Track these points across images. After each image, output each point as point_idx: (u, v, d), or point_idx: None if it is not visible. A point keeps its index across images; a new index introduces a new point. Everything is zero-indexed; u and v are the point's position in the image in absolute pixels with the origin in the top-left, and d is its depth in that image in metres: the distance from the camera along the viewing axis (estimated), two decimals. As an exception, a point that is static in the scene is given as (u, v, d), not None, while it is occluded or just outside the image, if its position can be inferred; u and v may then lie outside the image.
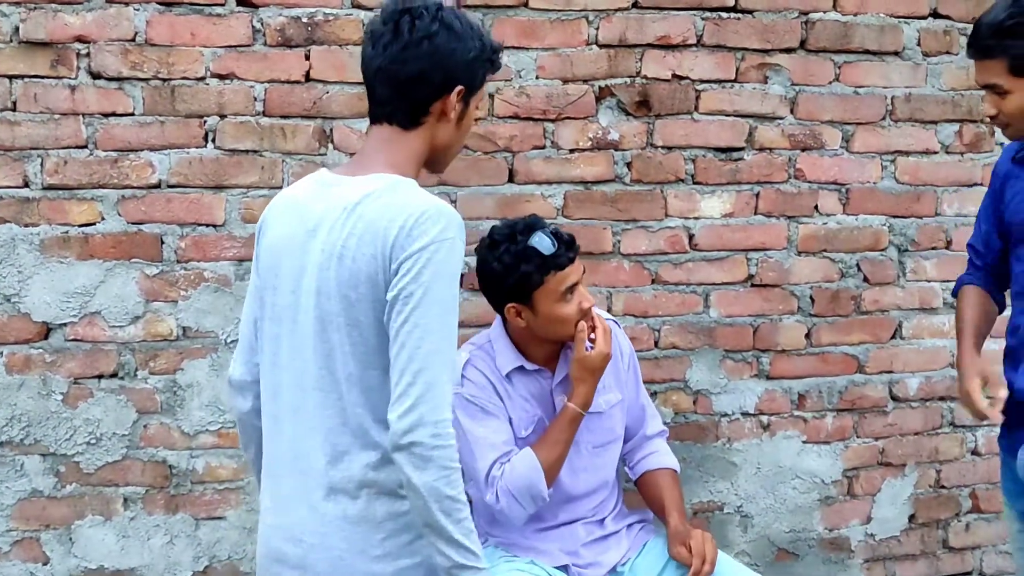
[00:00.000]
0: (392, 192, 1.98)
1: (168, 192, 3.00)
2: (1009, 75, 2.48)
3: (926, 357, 3.64)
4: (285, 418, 2.06)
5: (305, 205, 2.06)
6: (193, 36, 2.96)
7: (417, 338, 1.89)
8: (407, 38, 2.00)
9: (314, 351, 1.99)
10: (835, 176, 3.48)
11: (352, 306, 1.95)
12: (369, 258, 1.93)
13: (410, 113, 2.03)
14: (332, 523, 2.00)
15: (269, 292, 2.09)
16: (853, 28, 3.42)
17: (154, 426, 3.06)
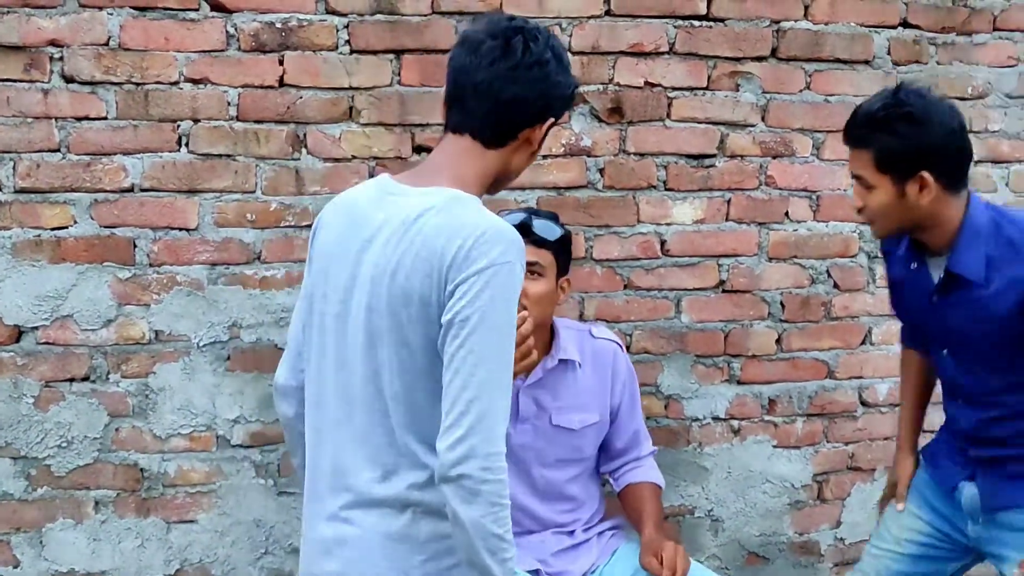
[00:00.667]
0: (452, 208, 1.91)
1: (141, 196, 3.00)
2: (874, 169, 2.43)
3: (895, 363, 3.62)
4: (328, 430, 2.01)
5: (363, 212, 1.99)
6: (167, 41, 2.96)
7: (472, 364, 1.82)
8: (519, 59, 1.94)
9: (362, 366, 1.94)
10: (805, 183, 3.51)
11: (402, 325, 1.89)
12: (423, 276, 1.87)
13: (499, 134, 1.98)
14: (375, 539, 1.95)
15: (319, 299, 2.03)
16: (824, 37, 3.45)
17: (126, 429, 3.07)
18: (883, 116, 2.41)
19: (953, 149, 2.43)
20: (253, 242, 3.08)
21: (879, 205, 2.47)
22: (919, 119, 2.38)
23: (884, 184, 2.43)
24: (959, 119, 2.45)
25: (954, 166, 2.45)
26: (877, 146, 2.42)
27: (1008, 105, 3.65)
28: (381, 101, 3.11)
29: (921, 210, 2.44)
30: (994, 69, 3.63)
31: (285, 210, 3.09)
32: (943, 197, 2.44)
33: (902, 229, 2.55)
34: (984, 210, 2.49)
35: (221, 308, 3.08)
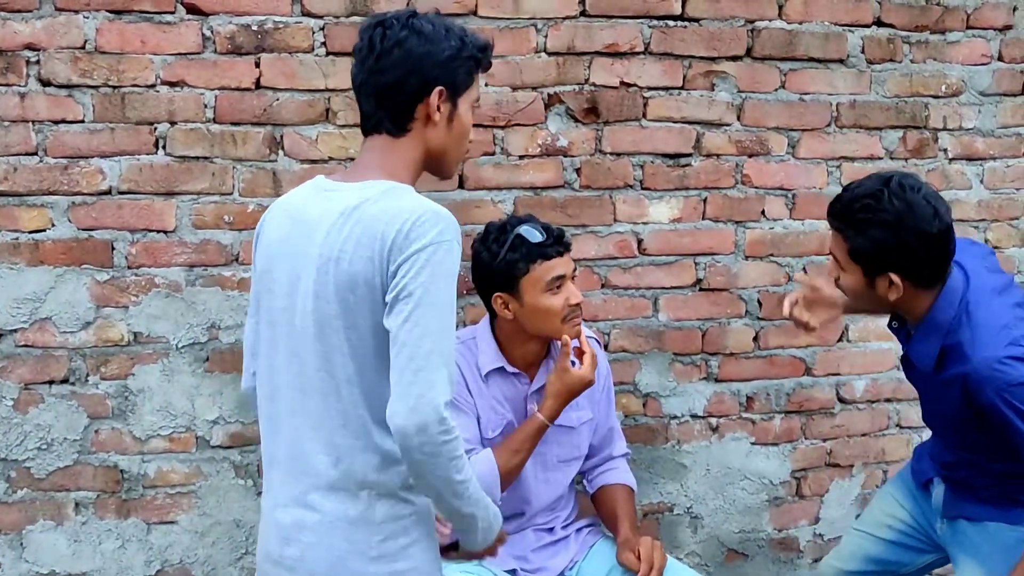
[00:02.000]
0: (388, 196, 2.00)
1: (119, 199, 3.01)
2: (847, 257, 2.46)
3: (872, 359, 3.70)
4: (283, 419, 2.09)
5: (301, 210, 2.10)
6: (143, 44, 2.97)
7: (417, 337, 1.90)
8: (379, 48, 2.05)
9: (313, 353, 2.02)
10: (781, 182, 3.53)
11: (350, 309, 1.98)
12: (366, 260, 1.95)
13: (395, 120, 2.07)
14: (333, 523, 2.03)
15: (265, 296, 2.12)
16: (798, 36, 3.47)
17: (105, 431, 3.07)
18: (860, 216, 2.40)
19: (926, 255, 2.40)
20: (231, 244, 3.09)
21: (848, 288, 2.51)
22: (893, 226, 2.36)
23: (855, 272, 2.46)
24: (942, 223, 2.39)
25: (926, 270, 2.43)
26: (850, 241, 2.43)
27: (982, 103, 3.68)
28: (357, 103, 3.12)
29: (889, 302, 2.48)
30: (968, 67, 3.66)
31: (263, 212, 3.02)
32: (913, 293, 2.46)
33: (871, 312, 2.64)
34: (952, 306, 2.46)
35: (199, 310, 3.09)
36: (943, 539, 2.79)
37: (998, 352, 2.35)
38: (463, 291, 3.24)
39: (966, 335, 2.42)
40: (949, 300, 2.46)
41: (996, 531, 2.63)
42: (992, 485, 2.62)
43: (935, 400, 2.60)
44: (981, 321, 2.42)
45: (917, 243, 2.37)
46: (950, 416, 2.55)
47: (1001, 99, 3.71)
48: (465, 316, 3.27)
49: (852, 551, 2.98)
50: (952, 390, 2.46)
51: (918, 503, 2.87)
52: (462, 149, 2.21)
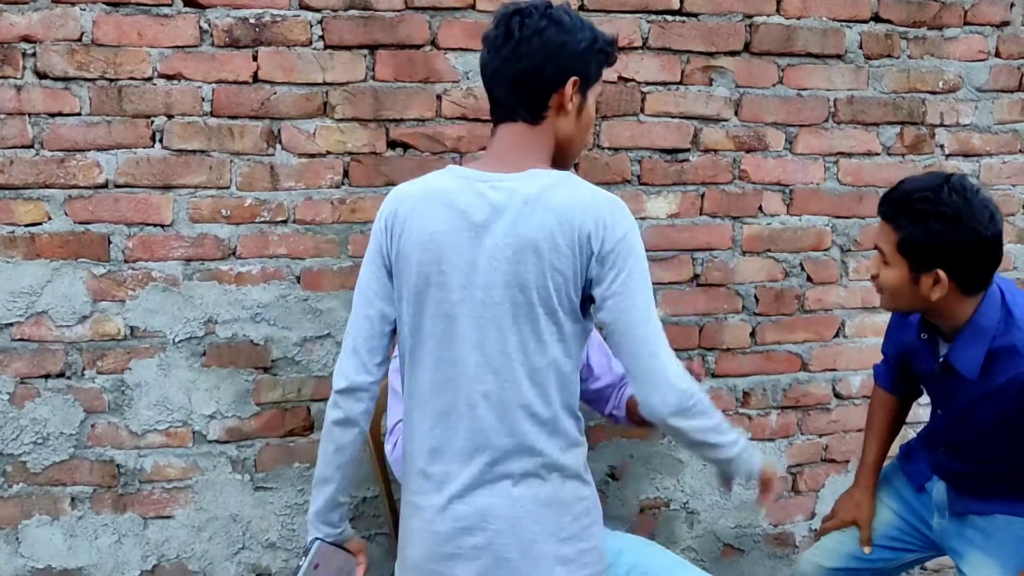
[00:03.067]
0: (567, 185, 2.04)
1: (115, 192, 3.00)
2: (894, 248, 2.44)
3: (868, 355, 3.70)
4: (463, 411, 2.07)
5: (462, 200, 2.07)
6: (140, 36, 2.96)
7: (641, 321, 2.00)
8: (517, 36, 2.07)
9: (504, 343, 2.03)
10: (779, 177, 3.53)
11: (550, 296, 2.01)
12: (566, 249, 1.99)
13: (531, 108, 2.10)
14: (525, 507, 2.05)
15: (433, 289, 2.08)
16: (796, 31, 3.47)
17: (102, 425, 3.06)
18: (918, 207, 2.39)
19: (977, 257, 2.39)
20: (228, 238, 3.08)
21: (891, 283, 2.48)
22: (950, 220, 2.35)
23: (900, 266, 2.44)
24: (996, 228, 2.38)
25: (974, 272, 2.41)
26: (903, 231, 2.42)
27: (979, 99, 3.68)
28: (355, 96, 3.12)
29: (931, 302, 2.45)
30: (965, 63, 3.66)
31: (260, 205, 3.09)
32: (956, 297, 2.44)
33: (909, 311, 2.57)
34: (996, 310, 2.45)
35: (196, 304, 3.08)
36: (939, 535, 2.78)
37: None
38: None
39: (1017, 336, 2.42)
40: (993, 306, 2.45)
41: (1006, 523, 2.63)
42: (1004, 487, 2.62)
43: (969, 411, 2.54)
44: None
45: (970, 242, 2.36)
46: (982, 427, 2.52)
47: (998, 95, 3.71)
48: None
49: (835, 548, 2.94)
50: (999, 396, 2.44)
51: (907, 502, 2.86)
52: (587, 140, 2.24)
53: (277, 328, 3.14)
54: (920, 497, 2.83)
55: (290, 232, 3.12)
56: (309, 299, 3.15)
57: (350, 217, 3.15)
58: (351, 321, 2.22)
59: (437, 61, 3.17)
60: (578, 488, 2.11)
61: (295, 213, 3.11)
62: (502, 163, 2.10)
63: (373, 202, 3.16)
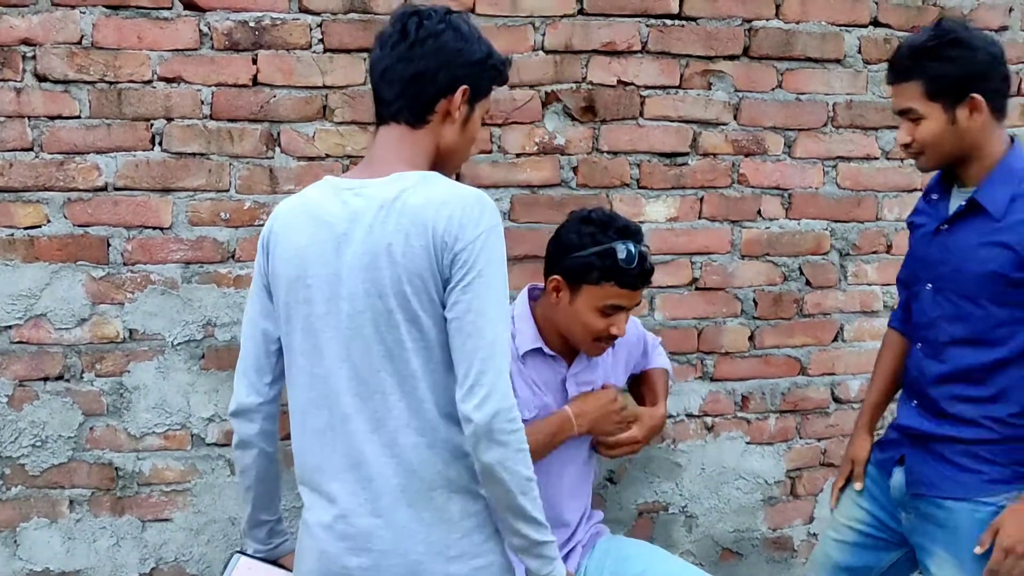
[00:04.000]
0: (426, 185, 2.00)
1: (115, 195, 3.00)
2: (924, 99, 2.51)
3: (867, 359, 3.68)
4: (338, 427, 2.03)
5: (325, 211, 2.05)
6: (140, 39, 2.96)
7: (480, 327, 1.93)
8: (413, 37, 2.05)
9: (369, 354, 1.99)
10: (778, 181, 3.53)
11: (408, 301, 1.96)
12: (420, 250, 1.95)
13: (416, 111, 2.07)
14: (407, 527, 2.00)
15: (300, 305, 2.06)
16: (795, 36, 3.47)
17: (100, 428, 3.06)
18: (932, 45, 2.50)
19: (999, 72, 2.52)
20: (227, 241, 3.08)
21: (930, 134, 2.54)
22: (967, 44, 2.48)
23: (935, 112, 2.51)
24: (1000, 46, 2.53)
25: (1001, 90, 2.53)
26: (928, 74, 2.50)
27: (977, 103, 3.68)
28: (355, 100, 3.12)
29: (971, 136, 2.52)
30: (964, 68, 3.66)
31: (259, 209, 3.09)
32: (991, 124, 2.52)
33: (950, 159, 2.59)
34: (1022, 158, 2.56)
35: (195, 307, 3.08)
36: (908, 530, 2.75)
37: None
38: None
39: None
40: (1020, 151, 2.57)
41: (961, 514, 2.59)
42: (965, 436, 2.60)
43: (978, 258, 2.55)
44: None
45: (990, 58, 2.49)
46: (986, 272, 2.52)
47: (997, 100, 3.71)
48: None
49: (821, 561, 2.95)
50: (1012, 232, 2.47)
51: (876, 499, 2.85)
52: (467, 153, 2.22)
53: (276, 331, 3.14)
54: (888, 490, 2.81)
55: (289, 235, 3.12)
56: (308, 302, 3.15)
57: (349, 220, 3.15)
58: (241, 343, 2.23)
59: (436, 65, 3.17)
60: (466, 503, 2.04)
61: (294, 216, 3.11)
62: (373, 168, 2.08)
63: (372, 205, 3.16)
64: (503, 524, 2.04)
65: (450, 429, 2.01)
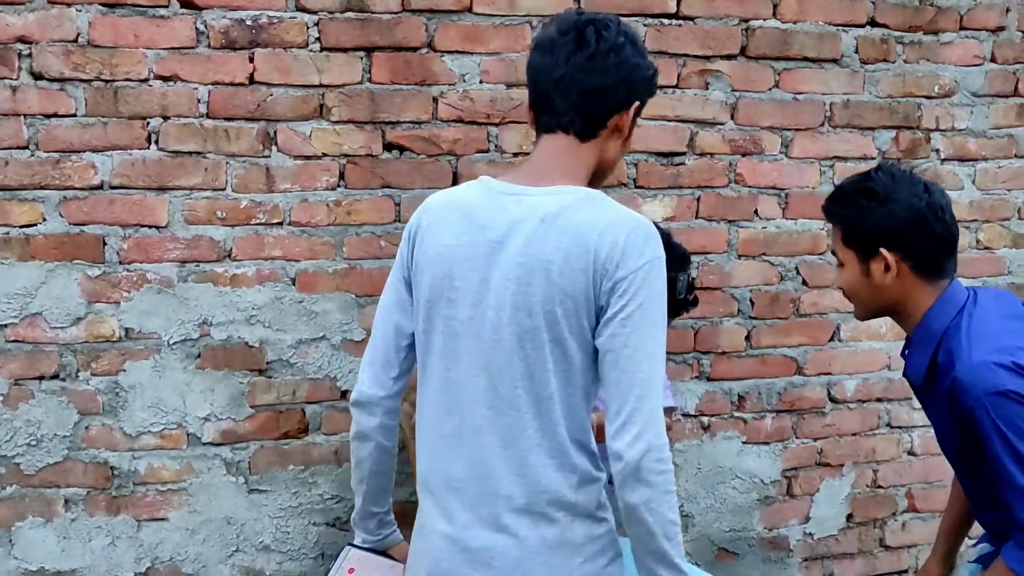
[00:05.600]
0: (591, 205, 1.94)
1: (111, 193, 2.99)
2: (842, 245, 2.40)
3: (863, 359, 3.70)
4: (468, 437, 1.99)
5: (482, 213, 1.99)
6: (136, 38, 2.95)
7: (637, 362, 1.86)
8: (594, 48, 1.96)
9: (509, 368, 1.94)
10: (775, 181, 3.53)
11: (557, 322, 1.90)
12: (579, 273, 1.88)
13: (590, 125, 2.00)
14: (530, 548, 1.95)
15: (442, 304, 2.01)
16: (792, 35, 3.47)
17: (96, 427, 3.05)
18: (848, 191, 2.40)
19: (917, 229, 2.31)
20: (223, 240, 3.07)
21: (847, 282, 2.42)
22: (880, 196, 2.31)
23: (850, 260, 2.38)
24: (932, 200, 2.32)
25: (921, 248, 2.33)
26: (841, 220, 2.39)
27: (974, 103, 3.69)
28: (352, 98, 3.11)
29: (888, 293, 2.36)
30: (960, 68, 3.67)
31: (255, 207, 3.08)
32: (914, 282, 2.35)
33: (873, 311, 2.46)
34: (949, 313, 2.34)
35: (191, 306, 3.07)
36: None
37: (984, 356, 2.21)
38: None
39: (957, 341, 2.29)
40: (946, 308, 2.35)
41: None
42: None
43: (937, 425, 2.44)
44: (975, 328, 2.30)
45: (905, 215, 2.29)
46: (950, 453, 2.44)
47: (993, 100, 3.72)
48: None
49: None
50: (943, 406, 2.33)
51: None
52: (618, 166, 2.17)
53: (272, 330, 3.13)
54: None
55: (285, 234, 3.11)
56: (304, 301, 3.15)
57: (346, 219, 3.15)
58: (372, 332, 2.17)
59: (434, 63, 3.17)
60: (590, 527, 1.99)
61: (291, 215, 3.11)
62: (535, 176, 2.00)
63: (369, 204, 3.15)
64: (641, 565, 1.96)
65: (579, 455, 1.97)
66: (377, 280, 3.17)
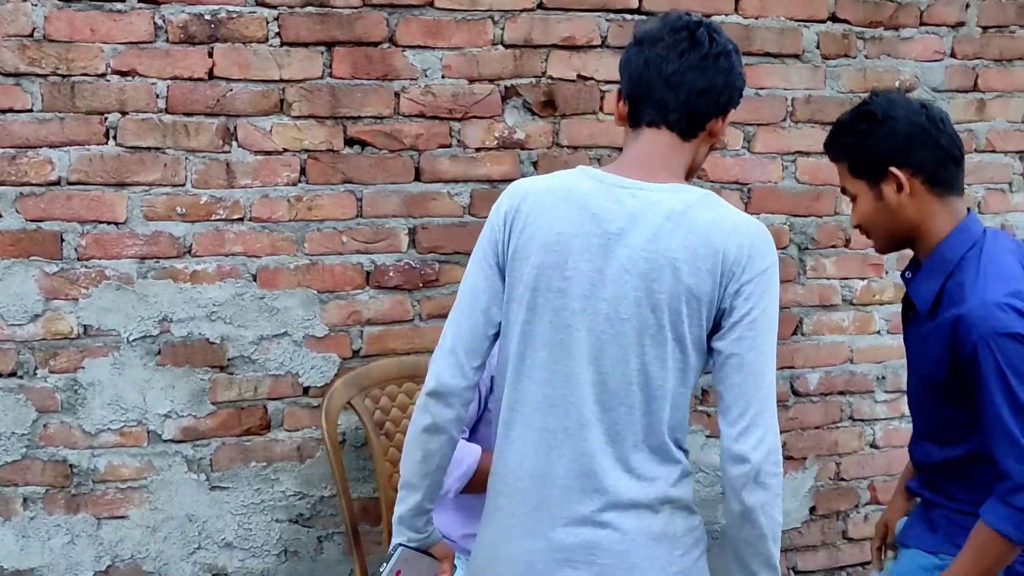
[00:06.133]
0: (712, 205, 1.96)
1: (68, 189, 2.96)
2: (851, 177, 2.39)
3: (826, 352, 3.72)
4: (572, 431, 1.96)
5: (594, 204, 1.96)
6: (93, 32, 2.92)
7: (761, 366, 1.90)
8: (707, 49, 1.98)
9: (623, 364, 1.92)
10: (737, 176, 3.54)
11: (681, 321, 1.90)
12: (706, 273, 1.89)
13: (694, 124, 2.00)
14: (635, 540, 1.94)
15: (551, 294, 1.96)
16: (754, 31, 3.48)
17: (54, 425, 3.02)
18: (846, 122, 2.39)
19: (922, 142, 2.30)
20: (183, 236, 3.05)
21: (862, 215, 2.39)
22: (880, 117, 2.31)
23: (862, 191, 2.36)
24: (931, 114, 2.33)
25: (929, 160, 2.31)
26: (845, 151, 2.38)
27: (935, 99, 3.70)
28: (312, 94, 3.10)
29: (906, 214, 2.33)
30: (921, 63, 3.69)
31: (216, 203, 3.06)
32: (928, 199, 2.33)
33: (897, 239, 2.42)
34: (964, 244, 2.32)
35: (151, 302, 3.05)
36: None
37: (998, 296, 2.18)
38: (420, 284, 3.24)
39: (970, 275, 2.27)
40: (962, 238, 2.32)
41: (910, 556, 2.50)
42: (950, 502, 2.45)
43: (921, 357, 2.41)
44: (990, 266, 2.28)
45: (909, 129, 2.30)
46: (930, 380, 2.38)
47: (954, 95, 3.74)
48: (421, 309, 3.26)
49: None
50: (941, 336, 2.28)
51: None
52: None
53: (233, 327, 3.12)
54: None
55: (246, 230, 3.10)
56: (265, 297, 3.13)
57: (307, 215, 3.13)
58: (452, 319, 2.08)
59: (395, 58, 3.15)
60: (688, 519, 2.01)
61: (251, 211, 3.09)
62: (642, 171, 1.99)
63: (330, 200, 3.14)
64: (740, 567, 1.97)
65: (677, 451, 1.99)
66: (339, 276, 3.16)
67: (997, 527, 2.20)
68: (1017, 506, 2.18)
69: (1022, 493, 2.17)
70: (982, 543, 2.24)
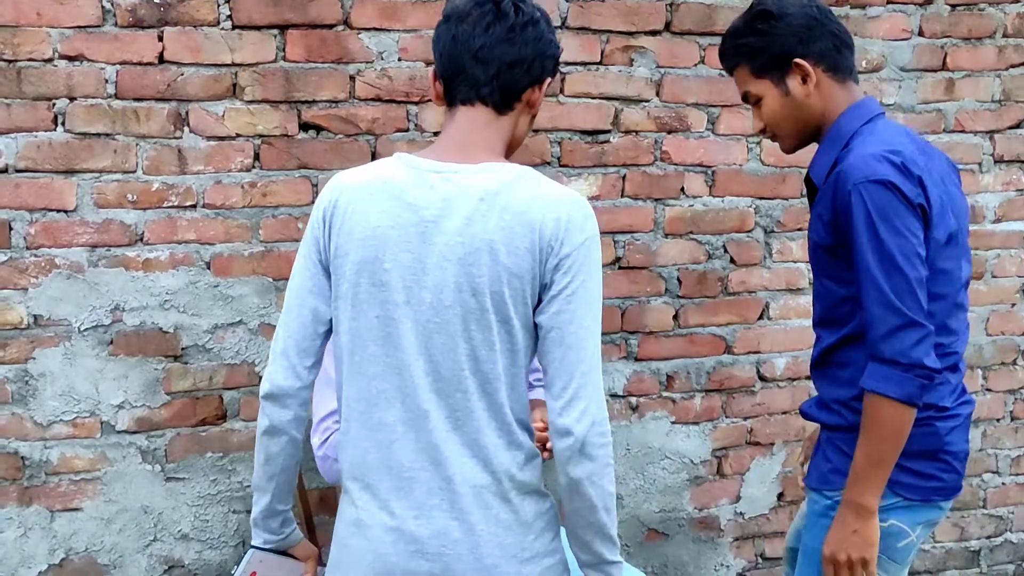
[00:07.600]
0: (527, 182, 1.94)
1: (16, 177, 2.91)
2: (753, 79, 2.42)
3: (792, 337, 3.68)
4: (414, 422, 1.94)
5: (409, 193, 1.94)
6: (39, 16, 2.86)
7: (582, 338, 1.89)
8: (513, 19, 1.96)
9: (452, 350, 1.91)
10: (701, 158, 3.49)
11: (504, 303, 1.90)
12: (524, 252, 1.88)
13: (507, 97, 1.99)
14: (484, 530, 1.94)
15: (373, 288, 1.94)
16: (717, 11, 3.42)
17: (5, 417, 2.98)
18: (743, 24, 2.43)
19: (819, 31, 2.37)
20: (135, 223, 3.00)
21: (770, 113, 2.43)
22: (775, 13, 2.37)
23: (767, 89, 2.41)
24: (819, 6, 2.40)
25: (830, 48, 2.38)
26: (747, 54, 2.41)
27: (902, 78, 3.66)
28: (265, 78, 3.04)
29: (812, 105, 2.39)
30: (888, 42, 3.64)
31: (168, 190, 3.01)
32: (831, 86, 2.39)
33: (805, 134, 2.47)
34: (857, 119, 2.38)
35: (103, 291, 3.00)
36: None
37: (875, 150, 2.25)
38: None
39: (861, 141, 2.32)
40: (859, 113, 2.39)
41: (812, 501, 2.49)
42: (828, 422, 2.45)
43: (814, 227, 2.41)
44: (880, 133, 2.33)
45: (805, 21, 2.37)
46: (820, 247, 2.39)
47: (922, 75, 3.69)
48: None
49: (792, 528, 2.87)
50: (827, 196, 2.31)
51: None
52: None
53: (187, 315, 3.07)
54: None
55: (199, 217, 3.05)
56: (220, 285, 3.08)
57: (261, 201, 3.08)
58: (281, 320, 2.06)
59: (350, 41, 3.10)
60: (537, 503, 2.01)
61: (204, 197, 3.04)
62: (458, 152, 1.97)
63: (285, 186, 3.09)
64: (576, 540, 2.01)
65: (522, 433, 1.98)
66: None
67: (876, 389, 2.22)
68: (886, 357, 2.20)
69: (888, 340, 2.20)
70: (871, 417, 2.25)
